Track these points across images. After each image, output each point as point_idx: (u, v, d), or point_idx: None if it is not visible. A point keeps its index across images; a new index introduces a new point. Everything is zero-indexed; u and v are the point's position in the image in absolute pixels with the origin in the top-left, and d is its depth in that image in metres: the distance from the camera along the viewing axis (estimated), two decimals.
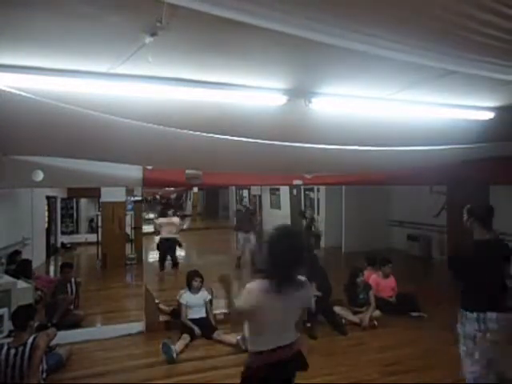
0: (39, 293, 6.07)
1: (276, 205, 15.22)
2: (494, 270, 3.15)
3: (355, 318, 5.66)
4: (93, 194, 11.41)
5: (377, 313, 5.75)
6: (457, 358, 3.07)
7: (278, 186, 13.98)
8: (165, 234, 9.46)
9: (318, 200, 12.28)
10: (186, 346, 4.89)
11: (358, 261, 6.99)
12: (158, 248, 9.54)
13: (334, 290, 6.35)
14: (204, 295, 5.45)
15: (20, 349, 3.62)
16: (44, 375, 3.93)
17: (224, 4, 1.50)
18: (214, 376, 4.22)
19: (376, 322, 5.60)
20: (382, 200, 11.20)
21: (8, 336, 4.31)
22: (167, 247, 9.41)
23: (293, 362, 2.45)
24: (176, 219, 10.05)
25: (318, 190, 12.19)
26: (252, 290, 2.38)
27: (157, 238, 9.97)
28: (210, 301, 5.53)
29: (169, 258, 9.46)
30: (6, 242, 7.45)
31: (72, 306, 5.88)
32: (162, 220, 9.87)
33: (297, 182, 6.90)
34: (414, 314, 5.92)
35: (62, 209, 13.55)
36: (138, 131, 3.28)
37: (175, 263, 9.41)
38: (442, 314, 5.93)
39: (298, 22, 1.63)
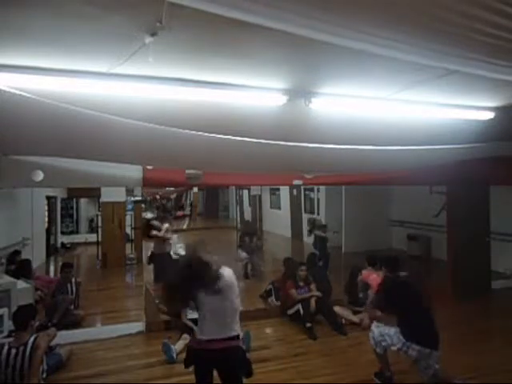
0: (39, 293, 6.06)
1: (276, 205, 15.22)
2: None
3: (355, 318, 5.65)
4: (93, 193, 11.42)
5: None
6: (456, 358, 3.08)
7: (278, 186, 13.98)
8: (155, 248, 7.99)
9: (318, 200, 12.28)
10: (186, 345, 4.88)
11: (358, 261, 6.98)
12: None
13: (334, 290, 6.36)
14: None
15: (21, 349, 3.61)
16: (44, 375, 3.93)
17: (224, 2, 1.50)
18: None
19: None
20: (381, 200, 11.20)
21: (8, 336, 4.30)
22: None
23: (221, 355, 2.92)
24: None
25: (318, 190, 12.18)
26: None
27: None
28: None
29: None
30: (6, 242, 7.45)
31: (72, 306, 5.88)
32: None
33: (297, 182, 6.89)
34: None
35: (62, 209, 13.55)
36: (137, 131, 3.28)
37: None
38: (442, 314, 5.93)
39: (298, 21, 1.63)
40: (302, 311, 5.51)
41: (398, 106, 3.93)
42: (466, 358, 4.40)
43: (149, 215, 15.88)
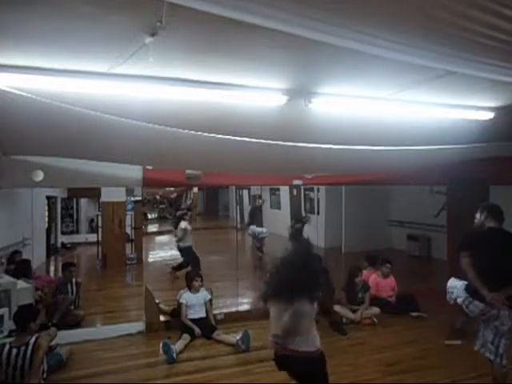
0: (39, 293, 6.06)
1: (276, 205, 15.19)
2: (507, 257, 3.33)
3: (352, 316, 5.71)
4: (93, 194, 11.42)
5: (376, 310, 5.78)
6: (456, 358, 3.07)
7: (278, 186, 13.97)
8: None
9: (318, 200, 12.27)
10: (186, 346, 4.89)
11: (358, 261, 6.98)
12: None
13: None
14: (204, 295, 5.45)
15: (22, 349, 3.61)
16: (44, 375, 3.92)
17: (224, 3, 1.50)
18: (213, 376, 4.22)
19: (376, 319, 5.62)
20: (382, 200, 11.19)
21: (8, 336, 4.31)
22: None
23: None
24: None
25: (318, 190, 12.16)
26: None
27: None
28: (210, 301, 5.53)
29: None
30: (6, 241, 7.44)
31: (72, 306, 5.88)
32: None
33: (297, 182, 6.90)
34: (414, 314, 5.92)
35: (62, 209, 13.52)
36: (138, 131, 3.28)
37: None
38: (442, 314, 5.94)
39: (298, 22, 1.63)
40: None
41: (398, 106, 3.92)
42: (467, 358, 4.39)
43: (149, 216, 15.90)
